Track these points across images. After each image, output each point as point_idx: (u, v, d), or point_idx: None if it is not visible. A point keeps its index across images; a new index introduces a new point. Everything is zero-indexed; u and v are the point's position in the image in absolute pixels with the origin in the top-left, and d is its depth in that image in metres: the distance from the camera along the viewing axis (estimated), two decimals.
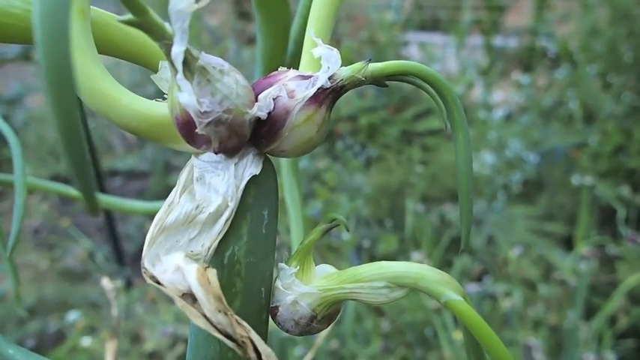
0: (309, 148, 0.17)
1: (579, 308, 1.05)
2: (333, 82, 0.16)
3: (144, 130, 0.17)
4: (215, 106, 0.15)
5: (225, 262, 0.16)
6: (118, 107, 0.16)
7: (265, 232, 0.17)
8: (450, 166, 1.56)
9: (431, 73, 0.16)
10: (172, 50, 0.14)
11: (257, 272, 0.17)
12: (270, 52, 0.24)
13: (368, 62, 0.16)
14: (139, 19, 0.13)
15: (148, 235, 0.15)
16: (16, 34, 0.17)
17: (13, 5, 0.16)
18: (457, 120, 0.17)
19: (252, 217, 0.17)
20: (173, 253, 0.15)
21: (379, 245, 1.36)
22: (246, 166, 0.17)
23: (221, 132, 0.15)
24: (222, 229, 0.16)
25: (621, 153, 1.55)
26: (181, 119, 0.15)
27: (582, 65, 1.73)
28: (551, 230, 1.40)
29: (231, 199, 0.16)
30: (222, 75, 0.15)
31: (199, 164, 0.17)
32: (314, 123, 0.16)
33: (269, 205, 0.17)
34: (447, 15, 2.43)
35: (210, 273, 0.14)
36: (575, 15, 1.98)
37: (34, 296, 1.41)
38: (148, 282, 0.15)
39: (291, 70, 0.17)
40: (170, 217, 0.16)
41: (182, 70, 0.14)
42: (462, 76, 1.90)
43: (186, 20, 0.13)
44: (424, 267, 0.17)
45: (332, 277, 0.18)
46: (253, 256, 0.17)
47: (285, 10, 0.22)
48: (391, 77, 0.17)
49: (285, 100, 0.16)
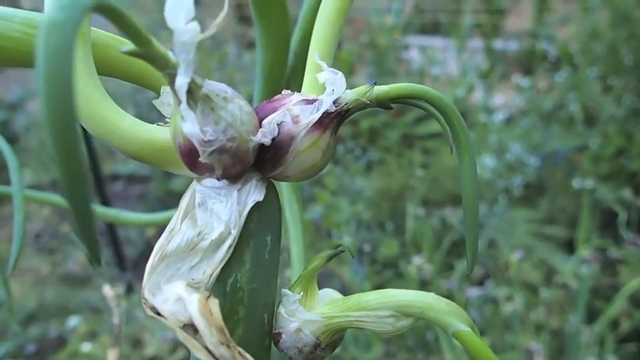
0: (314, 173, 0.17)
1: (581, 312, 1.05)
2: (338, 106, 0.16)
3: (145, 156, 0.16)
4: (219, 134, 0.14)
5: (227, 289, 0.16)
6: (118, 132, 0.16)
7: (268, 258, 0.17)
8: (450, 170, 1.56)
9: (436, 96, 0.16)
10: (176, 81, 0.13)
11: (260, 299, 0.17)
12: (270, 64, 0.24)
13: (373, 85, 0.16)
14: (142, 49, 0.13)
15: (148, 263, 0.15)
16: (14, 57, 0.17)
17: (13, 29, 0.16)
18: (463, 143, 0.16)
19: (255, 243, 0.16)
20: (174, 282, 0.15)
21: (380, 249, 1.36)
22: (250, 192, 0.16)
23: (225, 160, 0.15)
24: (224, 257, 0.16)
25: (622, 156, 1.54)
26: (184, 147, 0.15)
27: (583, 68, 1.73)
28: (552, 233, 1.39)
29: (234, 226, 0.16)
30: (225, 102, 0.15)
31: (201, 190, 0.16)
32: (318, 148, 0.16)
33: (272, 230, 0.17)
34: (447, 18, 2.44)
35: (213, 303, 0.14)
36: (575, 18, 1.98)
37: (35, 301, 1.41)
38: (148, 313, 0.14)
39: (295, 94, 0.17)
40: (171, 245, 0.15)
41: (186, 100, 0.14)
42: (462, 79, 1.90)
43: (191, 52, 0.13)
44: (431, 296, 0.16)
45: (336, 303, 0.17)
46: (256, 283, 0.16)
47: (286, 23, 0.22)
48: (396, 100, 0.17)
49: (289, 126, 0.16)
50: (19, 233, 0.22)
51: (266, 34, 0.22)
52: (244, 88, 1.32)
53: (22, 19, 0.17)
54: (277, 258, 0.17)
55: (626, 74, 1.68)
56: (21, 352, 1.28)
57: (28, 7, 1.37)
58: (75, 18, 0.10)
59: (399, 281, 1.27)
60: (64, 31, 0.10)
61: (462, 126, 0.16)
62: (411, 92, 0.16)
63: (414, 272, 1.18)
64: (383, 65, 1.98)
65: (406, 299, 0.16)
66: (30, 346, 1.30)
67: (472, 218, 0.17)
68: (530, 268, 1.24)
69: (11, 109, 2.14)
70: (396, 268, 1.33)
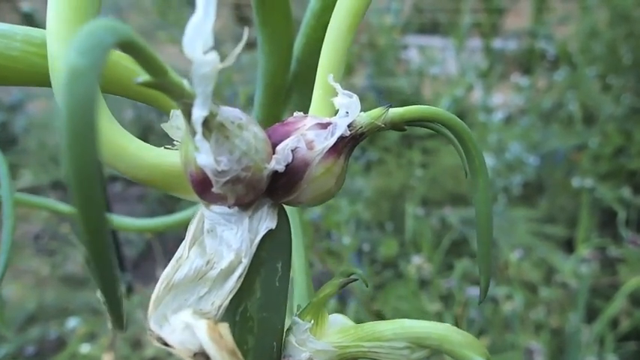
0: (327, 198, 0.16)
1: (581, 311, 1.05)
2: (353, 130, 0.16)
3: (153, 181, 0.16)
4: (233, 164, 0.14)
5: (236, 318, 0.16)
6: (125, 157, 0.15)
7: (279, 286, 0.16)
8: (450, 169, 1.56)
9: (452, 119, 0.16)
10: (193, 114, 0.13)
11: (270, 327, 0.16)
12: (272, 71, 0.23)
13: (388, 108, 0.16)
14: (159, 80, 0.12)
15: (153, 293, 0.15)
16: (13, 77, 0.16)
17: (12, 47, 0.16)
18: (478, 167, 0.16)
19: (265, 271, 0.16)
20: (181, 312, 0.14)
21: (380, 249, 1.36)
22: (262, 219, 0.16)
23: (238, 190, 0.14)
24: (234, 287, 0.15)
25: (622, 155, 1.54)
26: (196, 177, 0.14)
27: (582, 67, 1.73)
28: (551, 233, 1.39)
29: (245, 255, 0.15)
30: (240, 130, 0.14)
31: (210, 216, 0.16)
32: (333, 174, 0.16)
33: (283, 257, 0.16)
34: (446, 18, 2.44)
35: (222, 327, 0.13)
36: (574, 17, 1.98)
37: (34, 303, 1.41)
38: (155, 345, 0.14)
39: (308, 117, 0.16)
40: (179, 274, 0.15)
41: (202, 132, 0.13)
42: (461, 78, 1.90)
43: (209, 84, 0.13)
44: (448, 328, 0.16)
45: (348, 332, 0.17)
46: (266, 312, 0.16)
47: (289, 30, 0.22)
48: (411, 123, 0.16)
49: (303, 152, 0.15)
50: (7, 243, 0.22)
51: (269, 41, 0.22)
52: (243, 89, 1.32)
53: (22, 36, 0.16)
54: (287, 284, 0.17)
55: (625, 73, 1.68)
56: (20, 354, 1.28)
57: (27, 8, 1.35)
58: (98, 62, 0.09)
59: (398, 281, 1.27)
60: (88, 77, 0.09)
61: (477, 150, 0.16)
62: (426, 115, 0.16)
63: (414, 272, 1.18)
64: (382, 65, 1.98)
65: (422, 331, 0.16)
66: (29, 348, 1.30)
67: (486, 245, 0.16)
68: (529, 267, 1.24)
69: (10, 110, 2.13)
70: (396, 267, 1.33)
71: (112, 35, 0.10)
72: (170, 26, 1.54)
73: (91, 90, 0.09)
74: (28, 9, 1.77)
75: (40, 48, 0.16)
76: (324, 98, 0.18)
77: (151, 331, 0.14)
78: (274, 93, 0.24)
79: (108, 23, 0.10)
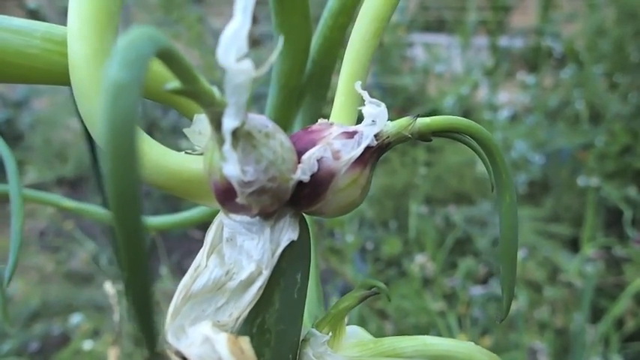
0: (350, 209, 0.16)
1: (586, 311, 1.04)
2: (379, 140, 0.15)
3: (172, 187, 0.15)
4: (260, 174, 0.13)
5: (254, 330, 0.15)
6: (145, 162, 0.15)
7: (297, 297, 0.16)
8: (454, 168, 1.55)
9: (480, 131, 0.16)
10: (224, 124, 0.12)
11: (286, 340, 0.16)
12: (287, 72, 0.23)
13: (415, 118, 0.16)
14: (189, 87, 0.12)
15: (171, 304, 0.14)
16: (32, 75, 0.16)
17: (31, 45, 0.15)
18: (505, 182, 0.16)
19: (285, 282, 0.15)
20: (199, 324, 0.14)
21: (383, 247, 1.35)
22: (283, 230, 0.15)
23: (263, 200, 0.14)
24: (253, 299, 0.15)
25: (628, 154, 1.53)
26: (221, 186, 0.14)
27: (588, 65, 1.72)
28: (556, 232, 1.39)
29: (266, 267, 0.15)
30: (267, 139, 0.14)
31: (230, 224, 0.15)
32: (358, 185, 0.15)
33: (303, 268, 0.16)
34: (451, 16, 2.43)
35: (243, 341, 0.13)
36: (581, 15, 1.96)
37: (39, 299, 1.41)
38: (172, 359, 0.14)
39: (334, 125, 0.16)
40: (197, 284, 0.14)
41: (231, 141, 0.13)
42: (467, 76, 1.89)
43: (244, 94, 0.12)
44: (471, 347, 0.16)
45: (367, 345, 0.16)
46: (284, 324, 0.15)
47: (307, 31, 0.21)
48: (438, 133, 0.16)
49: (329, 162, 0.15)
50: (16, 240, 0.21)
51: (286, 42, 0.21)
52: None
53: (43, 33, 0.16)
54: (305, 296, 0.16)
55: (632, 71, 1.67)
56: (24, 350, 1.28)
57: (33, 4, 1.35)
58: (141, 75, 0.09)
59: (402, 279, 1.26)
60: (132, 92, 0.09)
61: (504, 164, 0.16)
62: (454, 126, 0.16)
63: (417, 270, 1.18)
64: (387, 63, 1.98)
65: (445, 349, 0.16)
66: (33, 344, 1.30)
67: (511, 261, 0.16)
68: (534, 266, 1.23)
69: (16, 107, 2.15)
70: (399, 266, 1.32)
71: (151, 45, 0.10)
72: (174, 23, 1.54)
73: (134, 105, 0.09)
74: (34, 5, 1.78)
75: (61, 46, 0.16)
76: (347, 105, 0.17)
77: (169, 345, 0.13)
78: (288, 95, 0.24)
79: (147, 32, 0.10)
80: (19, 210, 0.22)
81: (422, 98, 1.89)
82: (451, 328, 1.05)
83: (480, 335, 1.10)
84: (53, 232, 1.77)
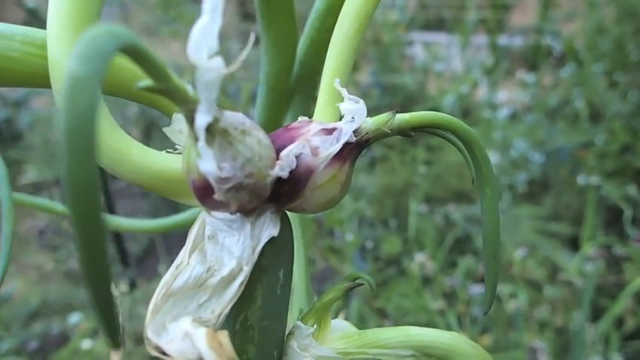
0: (331, 205, 0.16)
1: (585, 310, 1.04)
2: (358, 136, 0.15)
3: (154, 186, 0.15)
4: (236, 171, 0.14)
5: (236, 327, 0.15)
6: (126, 162, 0.15)
7: (280, 294, 0.16)
8: (454, 166, 1.55)
9: (460, 126, 0.15)
10: (196, 120, 0.13)
11: (271, 336, 0.16)
12: (275, 74, 0.23)
13: (394, 114, 0.16)
14: (162, 85, 0.12)
15: (151, 301, 0.14)
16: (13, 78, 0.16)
17: (12, 48, 0.16)
18: (486, 176, 0.16)
19: (267, 279, 0.16)
20: (180, 320, 0.14)
21: (383, 246, 1.35)
22: (264, 226, 0.15)
23: (241, 197, 0.14)
24: (235, 295, 0.15)
25: (628, 152, 1.53)
26: (198, 184, 0.14)
27: (588, 64, 1.72)
28: (556, 231, 1.39)
29: (247, 263, 0.15)
30: (244, 136, 0.14)
31: (212, 222, 0.15)
32: (338, 182, 0.15)
33: (285, 264, 0.16)
34: (451, 14, 2.42)
35: (221, 335, 0.13)
36: (580, 13, 1.96)
37: (38, 298, 1.41)
38: (152, 354, 0.14)
39: (313, 122, 0.16)
40: (178, 281, 0.15)
41: (205, 138, 0.13)
42: (466, 75, 1.89)
43: (214, 91, 0.12)
44: (456, 338, 0.16)
45: (352, 338, 0.16)
46: (267, 320, 0.16)
47: (294, 34, 0.21)
48: (418, 129, 0.16)
49: (308, 159, 0.15)
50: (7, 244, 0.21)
51: (273, 44, 0.21)
52: (246, 85, 1.31)
53: (22, 37, 0.16)
54: (289, 292, 0.16)
55: (633, 70, 1.67)
56: (23, 349, 1.28)
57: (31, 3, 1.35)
58: (100, 70, 0.09)
59: (401, 278, 1.26)
60: (89, 86, 0.09)
61: (484, 158, 0.16)
62: (433, 121, 0.16)
63: (417, 269, 1.18)
64: (386, 61, 1.97)
65: (429, 339, 0.16)
66: (32, 343, 1.30)
67: (493, 254, 0.16)
68: (534, 265, 1.23)
69: (15, 106, 2.14)
70: (399, 265, 1.32)
71: (113, 41, 0.10)
72: (173, 21, 1.54)
73: (92, 99, 0.09)
74: (33, 4, 1.77)
75: (41, 49, 0.16)
76: (330, 103, 0.17)
77: (149, 340, 0.14)
78: (277, 96, 0.24)
79: (109, 28, 0.10)
80: (10, 214, 0.22)
81: (421, 97, 1.89)
82: (451, 327, 1.05)
83: (480, 334, 1.10)
84: (52, 231, 1.77)
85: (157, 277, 1.45)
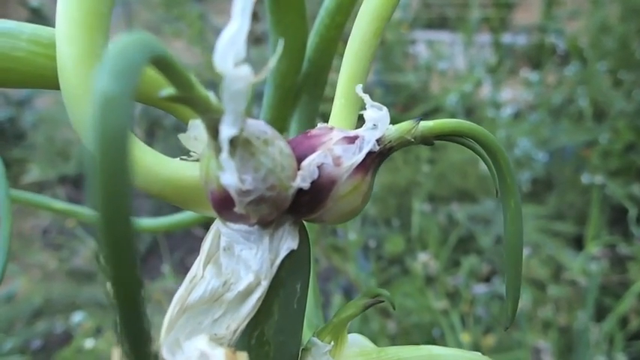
0: (351, 217, 0.15)
1: (590, 309, 1.04)
2: (381, 145, 0.15)
3: (167, 195, 0.15)
4: (258, 183, 0.13)
5: (252, 342, 0.15)
6: (139, 170, 0.14)
7: (296, 308, 0.15)
8: (457, 165, 1.55)
9: (485, 135, 0.15)
10: (221, 132, 0.12)
11: (286, 351, 0.15)
12: (283, 72, 0.22)
13: (418, 122, 0.15)
14: (185, 94, 0.11)
15: (166, 317, 0.14)
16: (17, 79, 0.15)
17: (17, 48, 0.15)
18: (510, 187, 0.15)
19: (284, 292, 0.15)
20: (195, 337, 0.13)
21: (386, 245, 1.35)
22: (283, 239, 0.15)
23: (262, 210, 0.13)
24: (251, 311, 0.14)
25: (632, 151, 1.52)
26: (218, 195, 0.13)
27: (592, 62, 1.71)
28: (560, 230, 1.38)
29: (265, 277, 0.14)
30: (266, 146, 0.13)
31: (227, 233, 0.15)
32: (360, 192, 0.15)
33: (302, 277, 0.16)
34: (454, 13, 2.42)
35: (240, 356, 0.13)
36: (584, 11, 1.95)
37: (42, 297, 1.42)
38: None
39: (334, 130, 0.15)
40: (193, 295, 0.14)
41: (228, 150, 0.12)
42: (469, 74, 1.89)
43: (242, 102, 0.12)
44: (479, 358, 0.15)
45: (370, 355, 0.16)
46: (283, 335, 0.15)
47: (303, 30, 0.21)
48: (441, 137, 0.15)
49: (330, 169, 0.14)
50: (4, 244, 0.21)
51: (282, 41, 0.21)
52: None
53: (29, 35, 0.15)
54: (305, 306, 0.16)
55: (637, 68, 1.66)
56: (27, 348, 1.28)
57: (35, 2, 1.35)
58: (132, 85, 0.09)
59: (404, 278, 1.26)
60: (123, 104, 0.08)
61: (509, 168, 0.15)
62: (458, 129, 0.15)
63: (420, 269, 1.17)
64: (390, 60, 1.97)
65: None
66: (36, 342, 1.30)
67: (515, 267, 0.16)
68: (538, 264, 1.22)
69: (19, 105, 2.15)
70: (402, 264, 1.32)
71: (144, 53, 0.09)
72: (175, 20, 1.54)
73: (126, 117, 0.08)
74: (37, 3, 1.78)
75: (48, 49, 0.15)
76: (347, 108, 0.17)
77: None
78: (284, 94, 0.23)
79: (139, 39, 0.09)
80: (7, 213, 0.21)
81: (425, 96, 1.89)
82: (454, 327, 1.04)
83: (483, 334, 1.10)
84: (56, 230, 1.78)
85: (160, 277, 1.45)
